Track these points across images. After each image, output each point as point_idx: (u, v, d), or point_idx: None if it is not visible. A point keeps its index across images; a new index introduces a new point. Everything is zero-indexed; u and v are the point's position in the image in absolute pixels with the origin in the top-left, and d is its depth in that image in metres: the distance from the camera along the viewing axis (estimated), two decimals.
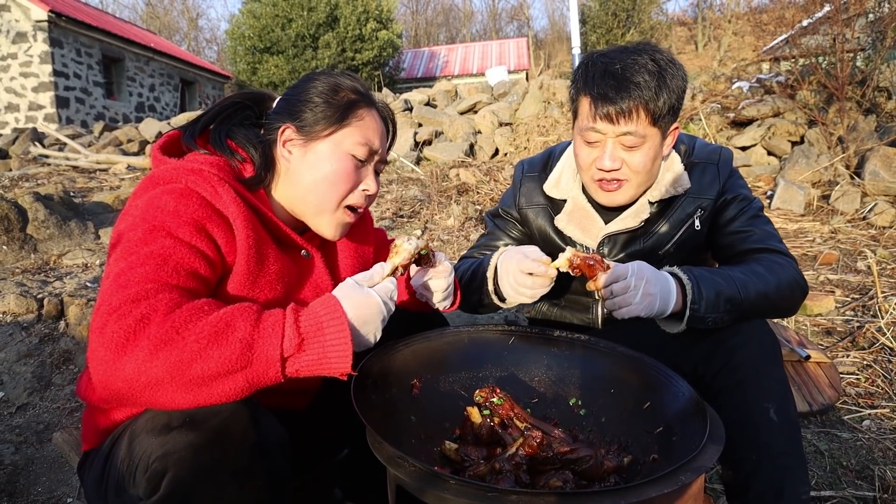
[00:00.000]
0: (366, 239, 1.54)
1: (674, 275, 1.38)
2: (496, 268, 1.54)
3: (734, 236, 1.58)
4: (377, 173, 1.39)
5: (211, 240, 1.12)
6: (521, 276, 1.41)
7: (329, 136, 1.28)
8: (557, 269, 1.38)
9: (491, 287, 1.54)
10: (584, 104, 1.50)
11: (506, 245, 1.80)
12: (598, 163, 1.50)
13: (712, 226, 1.63)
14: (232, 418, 0.96)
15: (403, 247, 1.24)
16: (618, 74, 1.43)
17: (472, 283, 1.59)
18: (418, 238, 1.27)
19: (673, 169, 1.62)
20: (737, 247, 1.56)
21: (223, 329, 0.95)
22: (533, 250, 1.45)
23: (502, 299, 1.56)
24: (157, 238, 1.06)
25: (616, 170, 1.49)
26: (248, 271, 1.16)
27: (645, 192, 1.60)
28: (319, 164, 1.27)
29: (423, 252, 1.29)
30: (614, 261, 1.61)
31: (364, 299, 1.08)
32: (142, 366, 0.91)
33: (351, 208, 1.34)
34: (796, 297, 1.48)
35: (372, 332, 1.09)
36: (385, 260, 1.26)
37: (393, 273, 1.20)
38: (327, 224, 1.32)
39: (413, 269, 1.42)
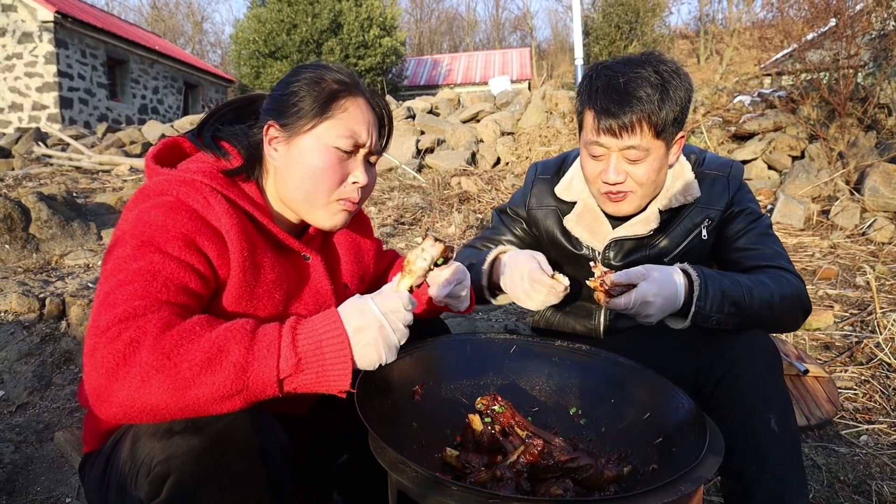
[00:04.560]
0: (366, 243, 1.53)
1: (683, 271, 1.41)
2: (492, 264, 1.60)
3: (741, 253, 1.58)
4: (371, 164, 1.33)
5: (202, 254, 1.09)
6: (535, 284, 1.46)
7: (311, 131, 1.23)
8: (566, 286, 1.44)
9: (485, 283, 1.60)
10: (589, 118, 1.52)
11: (508, 241, 1.82)
12: (603, 176, 1.52)
13: (718, 238, 1.64)
14: (234, 423, 0.96)
15: (417, 265, 1.15)
16: (620, 88, 1.43)
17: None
18: (433, 244, 1.18)
19: (683, 177, 1.63)
20: (743, 263, 1.57)
21: (216, 354, 0.93)
22: (543, 259, 1.51)
23: (493, 296, 1.60)
24: (146, 254, 1.04)
25: (621, 182, 1.51)
26: (243, 283, 1.15)
27: (653, 200, 1.62)
28: (302, 160, 1.23)
29: (439, 262, 1.19)
30: (618, 267, 1.63)
31: (367, 318, 1.04)
32: (135, 393, 0.90)
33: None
34: (797, 313, 1.50)
35: (375, 352, 1.04)
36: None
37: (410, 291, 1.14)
38: (322, 217, 1.28)
39: (440, 275, 1.38)
